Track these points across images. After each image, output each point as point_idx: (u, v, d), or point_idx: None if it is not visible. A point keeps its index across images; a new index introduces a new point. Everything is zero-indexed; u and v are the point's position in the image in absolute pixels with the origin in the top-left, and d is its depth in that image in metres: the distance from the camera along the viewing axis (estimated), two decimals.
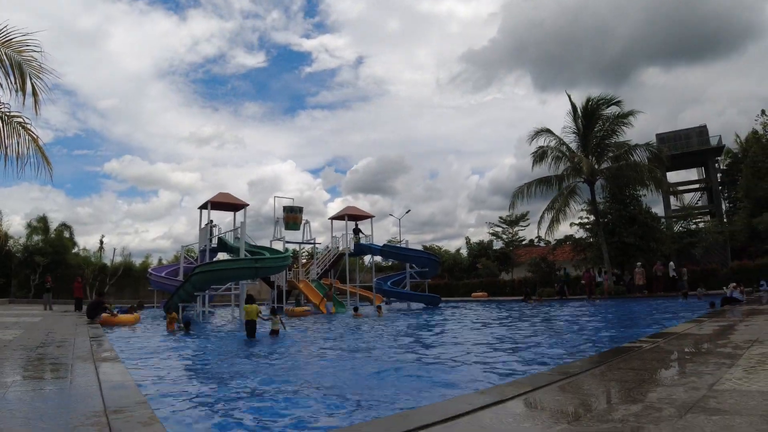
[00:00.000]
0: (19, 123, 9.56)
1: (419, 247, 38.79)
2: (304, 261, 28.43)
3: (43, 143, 10.04)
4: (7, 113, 9.40)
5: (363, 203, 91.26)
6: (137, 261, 38.46)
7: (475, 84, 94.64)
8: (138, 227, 79.59)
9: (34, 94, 9.46)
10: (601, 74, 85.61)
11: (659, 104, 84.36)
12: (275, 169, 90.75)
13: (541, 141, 26.44)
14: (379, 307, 20.29)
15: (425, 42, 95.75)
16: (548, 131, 26.11)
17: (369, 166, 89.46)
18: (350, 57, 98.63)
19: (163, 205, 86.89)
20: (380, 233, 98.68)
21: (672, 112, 77.84)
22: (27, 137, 9.63)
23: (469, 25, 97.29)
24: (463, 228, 58.36)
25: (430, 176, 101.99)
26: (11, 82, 9.13)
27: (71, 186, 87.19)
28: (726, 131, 68.86)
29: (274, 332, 11.30)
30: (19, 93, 9.21)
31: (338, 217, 28.47)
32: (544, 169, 26.43)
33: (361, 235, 28.08)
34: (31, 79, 9.37)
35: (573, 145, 26.06)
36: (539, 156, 26.13)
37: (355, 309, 19.27)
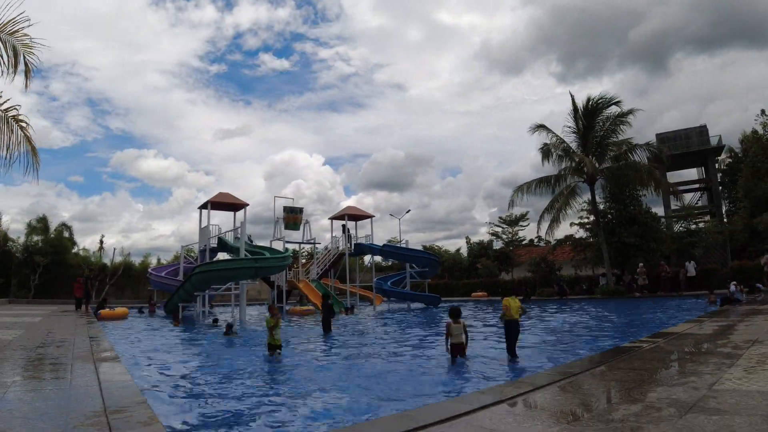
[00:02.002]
0: (14, 117, 9.48)
1: (419, 247, 38.82)
2: (304, 261, 28.43)
3: (35, 141, 9.95)
4: (1, 106, 9.33)
5: (379, 200, 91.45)
6: (137, 260, 38.41)
7: (497, 82, 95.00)
8: (150, 224, 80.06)
9: (27, 71, 9.38)
10: (626, 64, 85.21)
11: (690, 95, 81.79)
12: (295, 167, 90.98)
13: (543, 137, 26.48)
14: (351, 307, 21.33)
15: (446, 46, 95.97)
16: (545, 127, 26.09)
17: (387, 164, 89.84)
18: (373, 62, 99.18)
19: (181, 201, 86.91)
20: (390, 232, 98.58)
21: (702, 103, 75.43)
22: (20, 133, 9.55)
23: (491, 22, 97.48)
24: (478, 226, 58.73)
25: (449, 175, 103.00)
26: (4, 63, 9.04)
27: (89, 184, 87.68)
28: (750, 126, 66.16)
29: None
30: (12, 73, 9.11)
31: (338, 216, 28.46)
32: (550, 167, 26.47)
33: (350, 234, 28.05)
34: (24, 57, 9.29)
35: (573, 145, 26.06)
36: (545, 153, 26.13)
37: (347, 309, 20.33)
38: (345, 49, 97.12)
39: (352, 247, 27.36)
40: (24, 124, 9.65)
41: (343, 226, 27.77)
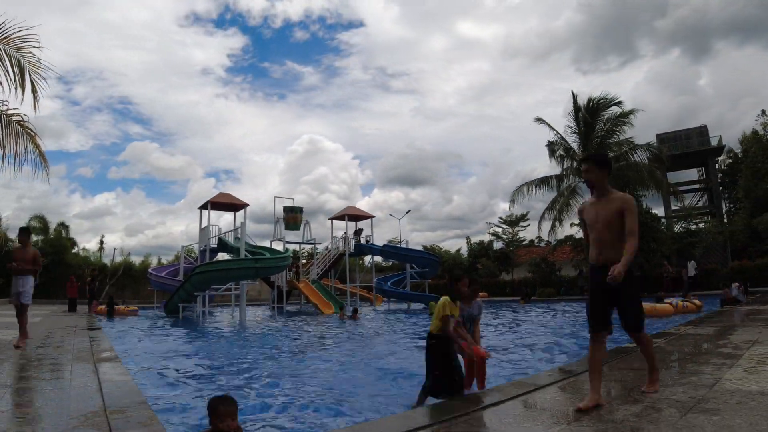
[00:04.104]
0: (18, 122, 9.52)
1: (419, 247, 38.83)
2: (304, 261, 28.48)
3: (41, 144, 9.97)
4: (6, 111, 9.36)
5: (398, 196, 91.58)
6: (137, 260, 38.46)
7: (518, 83, 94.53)
8: (165, 221, 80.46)
9: (34, 91, 9.42)
10: (657, 55, 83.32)
11: (726, 87, 77.75)
12: (315, 164, 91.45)
13: (542, 134, 26.53)
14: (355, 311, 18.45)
15: (465, 48, 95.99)
16: (543, 121, 26.10)
17: (405, 163, 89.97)
18: (395, 63, 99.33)
19: (199, 198, 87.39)
20: (398, 231, 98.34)
21: (736, 96, 72.32)
22: (25, 136, 9.59)
23: (510, 24, 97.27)
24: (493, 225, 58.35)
25: (464, 174, 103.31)
26: (10, 80, 9.08)
27: (103, 182, 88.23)
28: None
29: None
30: (18, 90, 9.16)
31: (338, 217, 28.49)
32: (556, 164, 26.48)
33: (360, 237, 28.21)
34: (30, 75, 9.33)
35: (575, 145, 26.04)
36: (552, 150, 26.15)
37: (355, 311, 18.52)
38: (367, 55, 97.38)
39: (352, 248, 27.42)
40: (31, 132, 9.68)
41: (357, 227, 28.08)
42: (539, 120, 26.16)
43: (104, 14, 77.29)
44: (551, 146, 26.04)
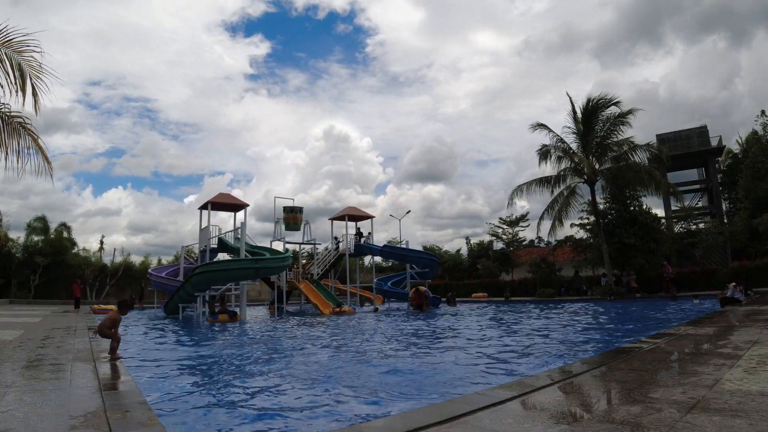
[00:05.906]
0: (20, 123, 9.55)
1: (419, 248, 38.84)
2: (304, 261, 28.49)
3: (43, 145, 9.98)
4: (8, 113, 9.40)
5: (413, 194, 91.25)
6: (137, 260, 38.44)
7: (537, 87, 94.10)
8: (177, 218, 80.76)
9: (34, 94, 9.45)
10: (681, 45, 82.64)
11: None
12: (329, 161, 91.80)
13: (542, 137, 26.46)
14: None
15: (482, 48, 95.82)
16: (544, 126, 26.06)
17: (421, 162, 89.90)
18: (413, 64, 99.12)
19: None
20: (413, 228, 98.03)
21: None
22: (28, 137, 9.63)
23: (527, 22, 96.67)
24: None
25: (476, 172, 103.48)
26: (11, 83, 9.12)
27: (115, 180, 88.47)
28: None
29: None
30: (20, 93, 9.19)
31: (338, 217, 28.50)
32: (551, 168, 26.43)
33: (362, 238, 28.27)
34: (31, 79, 9.36)
35: (574, 146, 26.03)
36: (543, 154, 26.08)
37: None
38: (388, 57, 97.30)
39: (351, 248, 27.43)
40: (33, 134, 9.71)
41: (358, 229, 28.19)
42: (539, 126, 26.10)
43: (131, 18, 77.84)
44: (545, 149, 26.01)
